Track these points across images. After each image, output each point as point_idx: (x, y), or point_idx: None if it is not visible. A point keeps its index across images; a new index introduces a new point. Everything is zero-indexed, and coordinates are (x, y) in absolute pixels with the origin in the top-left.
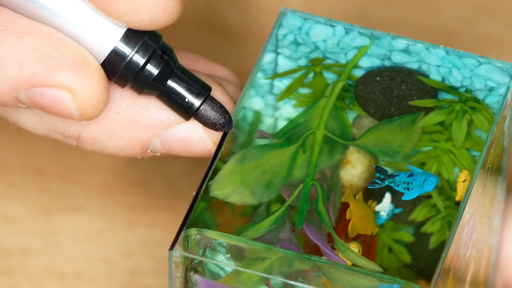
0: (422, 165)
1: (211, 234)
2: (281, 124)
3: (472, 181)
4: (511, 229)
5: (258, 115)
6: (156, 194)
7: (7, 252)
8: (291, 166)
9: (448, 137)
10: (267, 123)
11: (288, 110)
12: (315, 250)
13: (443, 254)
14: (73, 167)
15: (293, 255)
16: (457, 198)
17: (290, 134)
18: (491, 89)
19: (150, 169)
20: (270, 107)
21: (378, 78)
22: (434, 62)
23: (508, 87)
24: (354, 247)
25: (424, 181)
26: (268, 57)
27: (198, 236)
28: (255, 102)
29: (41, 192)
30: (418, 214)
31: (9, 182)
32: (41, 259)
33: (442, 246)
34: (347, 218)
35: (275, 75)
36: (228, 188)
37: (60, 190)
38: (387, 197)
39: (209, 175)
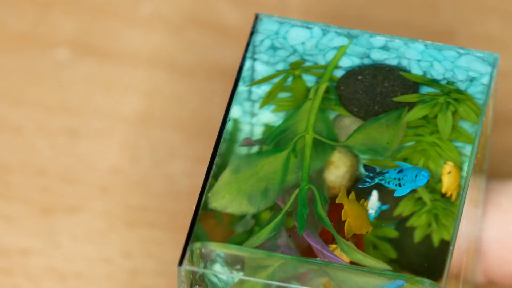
0: (410, 160)
1: (215, 246)
2: (264, 130)
3: (469, 172)
4: (490, 217)
5: (237, 123)
6: (156, 194)
7: (7, 252)
8: (285, 171)
9: (432, 130)
10: (249, 130)
11: (268, 116)
12: (309, 253)
13: (451, 247)
14: (73, 167)
15: (301, 260)
16: (443, 190)
17: (279, 140)
18: (473, 79)
19: (150, 169)
20: (250, 114)
21: (360, 77)
22: (414, 57)
23: (492, 76)
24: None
25: (416, 176)
26: (246, 64)
27: (203, 249)
28: (235, 111)
29: (41, 192)
30: (403, 209)
31: (9, 182)
32: (41, 259)
33: (428, 240)
34: (343, 219)
35: (255, 82)
36: (226, 198)
37: (60, 190)
38: (374, 194)
39: (206, 188)
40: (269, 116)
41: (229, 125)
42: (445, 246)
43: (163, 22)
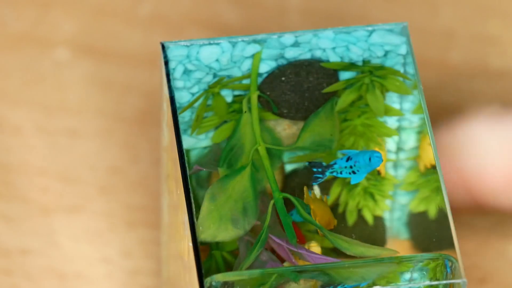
0: (352, 145)
1: (224, 276)
2: (201, 153)
3: (433, 143)
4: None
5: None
6: (156, 194)
7: (7, 252)
8: (255, 187)
9: (359, 112)
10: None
11: (194, 140)
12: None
13: (449, 216)
14: (73, 167)
15: (305, 269)
16: (378, 168)
17: (229, 159)
18: (389, 52)
19: (150, 169)
20: (186, 141)
21: (283, 78)
22: (328, 46)
23: (409, 44)
24: (315, 246)
25: (369, 158)
26: (167, 94)
27: (214, 282)
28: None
29: (41, 192)
30: (335, 195)
31: (9, 182)
32: (41, 259)
33: (363, 219)
34: (313, 219)
35: (183, 109)
36: (212, 228)
37: (60, 190)
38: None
39: (195, 223)
40: (197, 140)
41: (189, 157)
42: (380, 222)
43: (163, 22)
